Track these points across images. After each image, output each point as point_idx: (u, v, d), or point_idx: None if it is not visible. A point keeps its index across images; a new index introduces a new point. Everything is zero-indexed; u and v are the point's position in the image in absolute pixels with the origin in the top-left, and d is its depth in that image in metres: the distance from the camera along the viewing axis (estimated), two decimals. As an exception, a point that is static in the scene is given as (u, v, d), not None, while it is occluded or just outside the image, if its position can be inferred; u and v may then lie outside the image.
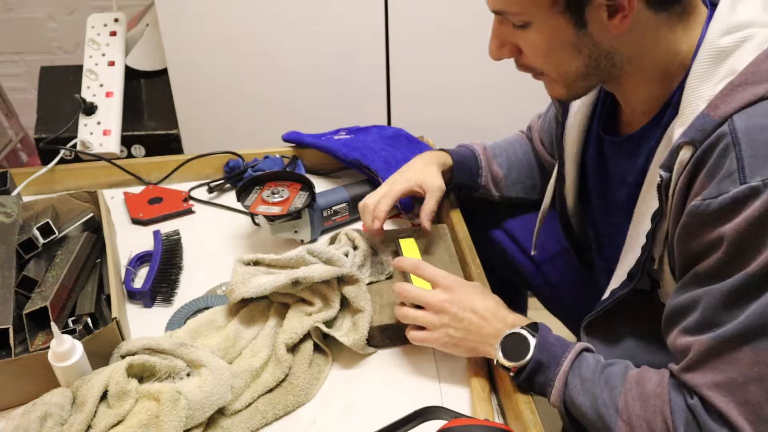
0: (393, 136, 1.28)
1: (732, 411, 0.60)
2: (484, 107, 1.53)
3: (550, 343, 0.74)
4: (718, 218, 0.60)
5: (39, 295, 0.86)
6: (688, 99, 0.67)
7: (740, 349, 0.59)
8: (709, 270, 0.62)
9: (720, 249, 0.60)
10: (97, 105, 1.39)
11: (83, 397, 0.74)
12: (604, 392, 0.69)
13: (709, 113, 0.63)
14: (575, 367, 0.72)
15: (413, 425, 0.74)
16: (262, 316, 0.89)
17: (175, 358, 0.80)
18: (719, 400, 0.61)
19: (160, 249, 1.05)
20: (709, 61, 0.65)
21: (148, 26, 1.58)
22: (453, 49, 1.47)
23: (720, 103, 0.62)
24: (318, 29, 1.45)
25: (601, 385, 0.70)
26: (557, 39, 0.69)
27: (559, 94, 0.76)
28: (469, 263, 0.98)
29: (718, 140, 0.61)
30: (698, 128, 0.63)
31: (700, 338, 0.62)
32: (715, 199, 0.60)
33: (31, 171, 1.20)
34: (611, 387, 0.69)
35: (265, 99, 1.54)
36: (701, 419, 0.62)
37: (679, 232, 0.65)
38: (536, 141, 1.11)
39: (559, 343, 0.75)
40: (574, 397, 0.71)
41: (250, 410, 0.79)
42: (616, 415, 0.67)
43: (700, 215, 0.61)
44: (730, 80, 0.63)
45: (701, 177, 0.62)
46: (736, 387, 0.60)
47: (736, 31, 0.65)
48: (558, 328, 1.15)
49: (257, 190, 1.09)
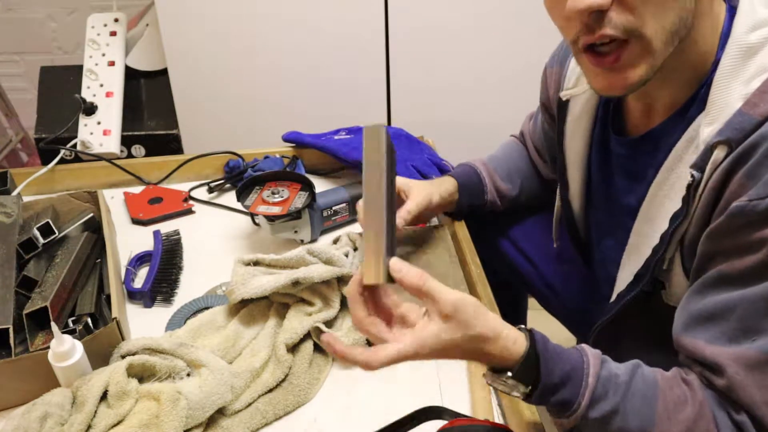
0: (393, 136, 1.29)
1: None
2: (484, 107, 1.53)
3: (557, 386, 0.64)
4: (762, 220, 0.58)
5: (39, 295, 0.86)
6: (717, 95, 0.65)
7: None
8: (742, 272, 0.60)
9: (759, 252, 0.58)
10: (97, 105, 1.39)
11: (83, 397, 0.74)
12: (633, 424, 0.63)
13: (748, 111, 0.61)
14: (593, 402, 0.64)
15: (413, 425, 0.74)
16: (262, 316, 0.89)
17: (175, 358, 0.80)
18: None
19: (160, 249, 1.05)
20: (739, 57, 0.64)
21: (148, 26, 1.58)
22: (453, 48, 1.47)
23: (759, 101, 0.61)
24: (318, 29, 1.45)
25: (628, 417, 0.63)
26: None
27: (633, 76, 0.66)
28: (468, 263, 0.98)
29: (762, 139, 0.59)
30: (735, 127, 0.61)
31: (740, 350, 0.59)
32: (764, 200, 0.58)
33: (31, 171, 1.20)
34: (643, 416, 0.63)
35: (265, 99, 1.54)
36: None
37: (713, 231, 0.63)
38: (530, 146, 1.10)
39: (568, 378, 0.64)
40: (595, 428, 0.65)
41: (250, 410, 0.79)
42: None
43: (746, 216, 0.59)
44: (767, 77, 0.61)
45: (739, 176, 0.60)
46: None
47: (762, 27, 0.64)
48: (558, 328, 1.15)
49: (257, 190, 1.09)
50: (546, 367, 0.64)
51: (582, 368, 0.65)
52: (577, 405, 0.64)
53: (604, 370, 0.65)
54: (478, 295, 0.92)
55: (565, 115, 0.87)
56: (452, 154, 1.26)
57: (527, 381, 0.64)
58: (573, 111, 0.86)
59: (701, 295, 0.64)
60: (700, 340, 0.63)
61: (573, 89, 0.85)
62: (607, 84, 0.68)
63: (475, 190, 1.06)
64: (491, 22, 1.44)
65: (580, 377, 0.64)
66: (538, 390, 0.64)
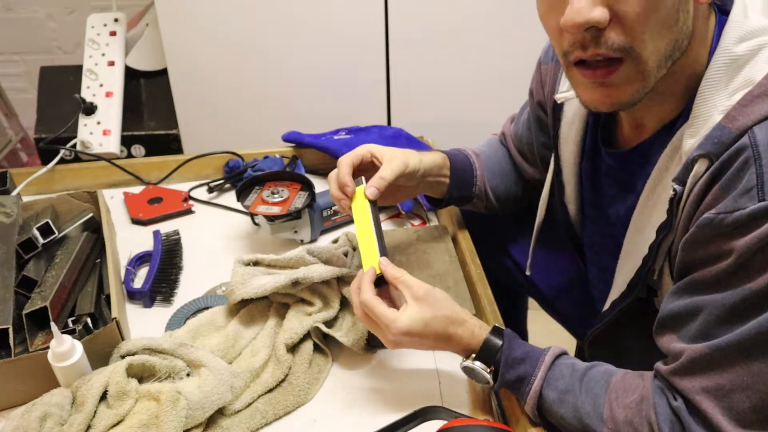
0: (393, 136, 1.28)
1: (717, 415, 0.61)
2: (484, 107, 1.53)
3: (516, 361, 0.73)
4: (730, 232, 0.59)
5: (39, 295, 0.86)
6: (699, 108, 0.64)
7: (732, 358, 0.60)
8: (711, 279, 0.62)
9: (727, 260, 0.60)
10: (97, 105, 1.39)
11: (83, 397, 0.74)
12: (586, 404, 0.69)
13: (727, 125, 0.61)
14: (549, 380, 0.72)
15: (413, 425, 0.74)
16: (262, 316, 0.89)
17: (175, 358, 0.80)
18: (706, 404, 0.62)
19: (160, 249, 1.04)
20: (724, 68, 0.63)
21: (148, 26, 1.58)
22: (453, 48, 1.47)
23: (738, 115, 0.60)
24: (318, 29, 1.45)
25: (582, 396, 0.70)
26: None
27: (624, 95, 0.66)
28: (468, 263, 0.98)
29: (737, 153, 0.59)
30: (715, 141, 0.61)
31: (694, 345, 0.62)
32: (731, 214, 0.58)
33: (31, 171, 1.20)
34: (594, 396, 0.69)
35: (265, 99, 1.54)
36: (685, 421, 0.63)
37: (686, 241, 0.64)
38: (512, 149, 1.06)
39: (526, 357, 0.73)
40: (554, 410, 0.71)
41: (249, 410, 0.78)
42: (601, 425, 0.68)
43: (713, 228, 0.60)
44: (749, 90, 0.60)
45: (715, 189, 0.61)
46: (723, 393, 0.61)
47: (751, 38, 0.62)
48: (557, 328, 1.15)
49: (257, 190, 1.09)
50: (508, 344, 0.74)
51: (542, 350, 0.74)
52: (534, 377, 0.71)
53: (565, 357, 0.74)
54: (478, 295, 0.92)
55: (560, 118, 0.86)
56: (452, 154, 1.26)
57: (490, 360, 0.74)
58: (567, 115, 0.85)
59: (676, 296, 0.66)
60: (671, 337, 0.66)
61: (567, 93, 0.83)
62: (596, 98, 0.68)
63: (465, 177, 1.00)
64: (491, 21, 1.44)
65: (538, 355, 0.73)
66: (501, 365, 0.73)
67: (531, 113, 0.98)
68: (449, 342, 0.76)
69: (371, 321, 0.77)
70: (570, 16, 0.61)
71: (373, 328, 0.78)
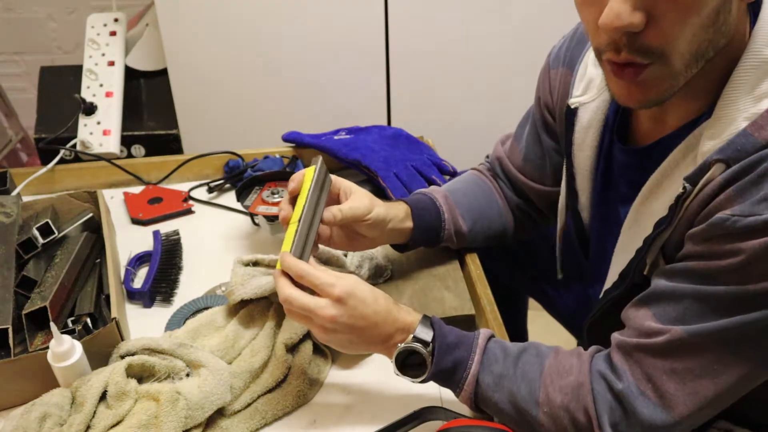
0: (393, 136, 1.28)
1: (678, 397, 0.63)
2: (484, 107, 1.53)
3: (450, 346, 0.72)
4: (740, 234, 0.59)
5: (38, 295, 0.86)
6: (723, 110, 0.63)
7: (708, 347, 0.62)
8: (708, 272, 0.62)
9: (730, 259, 0.60)
10: (97, 105, 1.39)
11: (82, 398, 0.74)
12: (521, 388, 0.69)
13: (753, 133, 0.60)
14: (485, 364, 0.72)
15: (413, 425, 0.74)
16: (261, 316, 0.89)
17: (175, 358, 0.80)
18: (669, 385, 0.64)
19: (160, 249, 1.04)
20: (752, 71, 0.62)
21: (148, 26, 1.58)
22: (453, 49, 1.47)
23: (766, 124, 0.60)
24: (318, 29, 1.45)
25: (517, 381, 0.70)
26: None
27: (652, 94, 0.65)
28: (468, 263, 0.98)
29: (760, 161, 0.59)
30: (738, 148, 0.60)
31: (672, 328, 0.63)
32: (746, 218, 0.59)
33: (30, 171, 1.20)
34: (529, 381, 0.70)
35: (265, 99, 1.54)
36: (629, 404, 0.65)
37: (691, 234, 0.64)
38: (511, 171, 0.99)
39: (460, 342, 0.73)
40: (489, 396, 0.71)
41: (249, 411, 0.78)
42: (537, 409, 0.68)
43: (725, 228, 0.60)
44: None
45: (729, 191, 0.60)
46: (691, 377, 0.63)
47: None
48: (557, 327, 1.15)
49: (257, 190, 1.09)
50: (440, 329, 0.73)
51: (473, 334, 0.74)
52: (471, 361, 0.71)
53: (495, 340, 0.74)
54: (478, 295, 0.92)
55: (573, 123, 0.83)
56: (452, 154, 1.26)
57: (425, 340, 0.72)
58: (581, 120, 0.82)
59: (664, 277, 0.67)
60: (646, 314, 0.67)
61: (582, 97, 0.81)
62: (625, 93, 0.67)
63: (431, 224, 0.93)
64: (492, 22, 1.44)
65: (470, 339, 0.73)
66: (435, 351, 0.71)
67: (538, 121, 0.94)
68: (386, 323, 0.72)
69: (297, 315, 0.72)
70: (608, 19, 0.60)
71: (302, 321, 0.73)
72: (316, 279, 0.71)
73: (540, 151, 0.95)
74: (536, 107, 0.94)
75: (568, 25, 0.89)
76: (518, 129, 1.00)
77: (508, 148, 1.01)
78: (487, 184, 1.02)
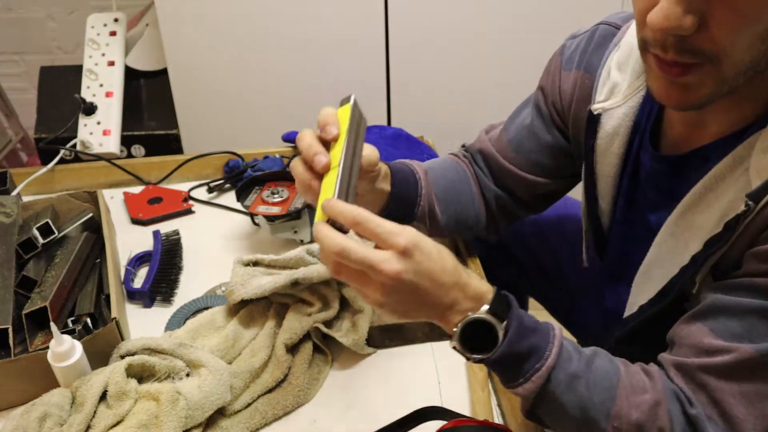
0: (393, 136, 1.28)
1: (748, 421, 0.59)
2: (484, 107, 1.53)
3: (529, 329, 0.63)
4: None
5: (38, 295, 0.86)
6: None
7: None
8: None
9: None
10: (96, 105, 1.39)
11: (82, 398, 0.74)
12: (594, 395, 0.64)
13: None
14: (562, 358, 0.64)
15: (413, 425, 0.74)
16: (261, 316, 0.89)
17: (175, 358, 0.80)
18: (739, 409, 0.60)
19: (160, 249, 1.04)
20: None
21: (148, 26, 1.58)
22: (453, 49, 1.47)
23: None
24: (318, 29, 1.45)
25: (590, 386, 0.64)
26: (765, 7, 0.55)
27: (694, 97, 0.62)
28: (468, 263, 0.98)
29: None
30: None
31: (740, 346, 0.60)
32: None
33: (30, 171, 1.20)
34: (603, 389, 0.64)
35: (265, 99, 1.54)
36: (702, 430, 0.61)
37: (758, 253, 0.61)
38: (498, 160, 0.93)
39: (537, 327, 0.64)
40: (557, 396, 0.64)
41: (249, 410, 0.78)
42: (606, 421, 0.63)
43: None
44: None
45: None
46: (760, 399, 0.59)
47: None
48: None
49: (257, 190, 1.09)
50: (517, 308, 0.63)
51: (548, 324, 0.65)
52: (549, 351, 0.63)
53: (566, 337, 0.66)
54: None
55: (596, 130, 0.79)
56: (452, 154, 1.26)
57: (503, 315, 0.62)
58: (605, 127, 0.77)
59: (722, 291, 0.63)
60: (702, 330, 0.63)
61: (605, 102, 0.77)
62: (664, 91, 0.63)
63: (408, 194, 0.88)
64: (492, 21, 1.44)
65: (547, 328, 0.65)
66: (511, 331, 0.61)
67: (545, 116, 0.89)
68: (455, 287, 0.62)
69: (350, 272, 0.60)
70: (656, 18, 0.56)
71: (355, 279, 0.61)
72: (377, 226, 0.59)
73: (536, 143, 0.90)
74: (543, 102, 0.89)
75: (570, 25, 0.88)
76: (508, 120, 0.95)
77: (495, 138, 0.94)
78: (464, 170, 0.96)
